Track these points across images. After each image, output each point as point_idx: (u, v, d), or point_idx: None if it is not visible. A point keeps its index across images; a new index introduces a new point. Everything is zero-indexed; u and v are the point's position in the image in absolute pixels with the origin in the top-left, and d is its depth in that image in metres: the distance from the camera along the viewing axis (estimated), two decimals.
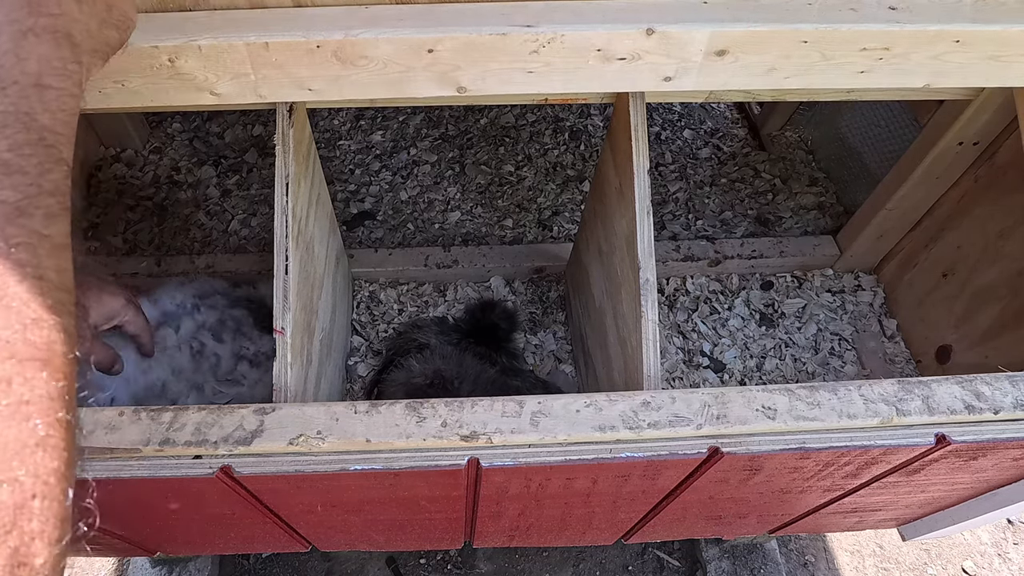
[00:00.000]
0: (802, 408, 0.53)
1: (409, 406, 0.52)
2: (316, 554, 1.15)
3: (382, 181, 1.16)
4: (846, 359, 0.99)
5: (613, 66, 0.58)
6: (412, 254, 1.04)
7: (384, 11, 0.55)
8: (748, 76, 0.59)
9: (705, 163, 1.21)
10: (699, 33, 0.55)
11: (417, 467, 0.52)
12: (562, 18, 0.55)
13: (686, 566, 1.15)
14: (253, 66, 0.55)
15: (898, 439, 0.54)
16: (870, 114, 1.09)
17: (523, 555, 1.15)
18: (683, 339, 1.00)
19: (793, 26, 0.55)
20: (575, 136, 1.24)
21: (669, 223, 1.11)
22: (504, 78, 0.58)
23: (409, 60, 0.56)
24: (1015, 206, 0.79)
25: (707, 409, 0.53)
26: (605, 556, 1.16)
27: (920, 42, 0.57)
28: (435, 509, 0.66)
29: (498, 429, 0.51)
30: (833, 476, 0.62)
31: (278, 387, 0.60)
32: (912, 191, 0.89)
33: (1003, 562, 1.20)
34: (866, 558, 1.19)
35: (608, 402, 0.53)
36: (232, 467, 0.51)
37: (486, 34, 0.54)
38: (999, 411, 0.54)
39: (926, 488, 0.69)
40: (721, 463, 0.55)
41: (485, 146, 1.22)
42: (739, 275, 1.06)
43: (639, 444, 0.53)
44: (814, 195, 1.16)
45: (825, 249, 1.05)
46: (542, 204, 1.14)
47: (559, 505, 0.66)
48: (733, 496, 0.67)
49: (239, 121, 1.23)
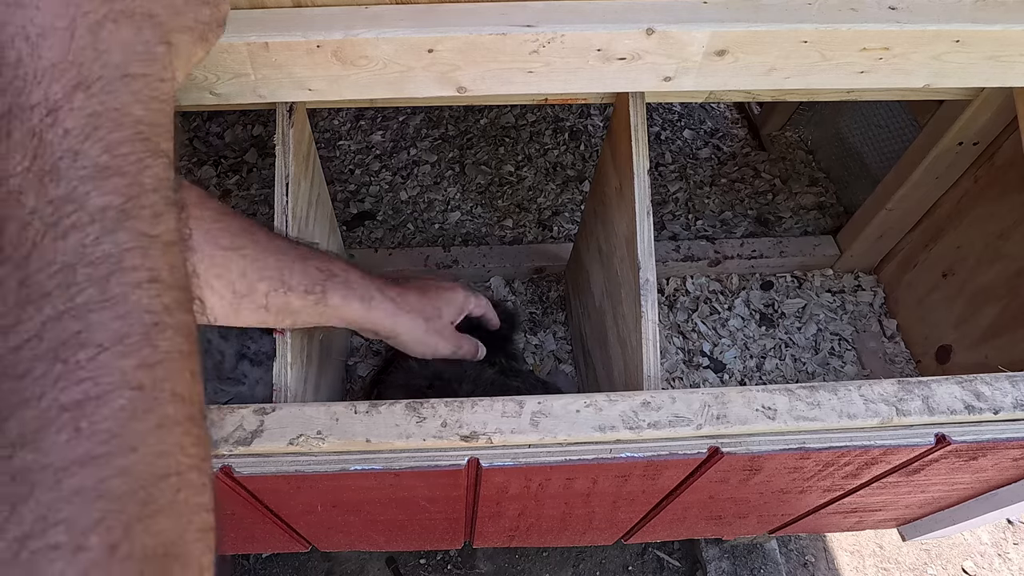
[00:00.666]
0: (802, 408, 0.53)
1: (409, 406, 0.52)
2: (316, 554, 1.15)
3: (382, 181, 1.16)
4: (846, 359, 0.99)
5: (613, 66, 0.58)
6: (412, 254, 1.04)
7: (384, 11, 0.55)
8: (748, 76, 0.60)
9: (705, 163, 1.21)
10: (699, 33, 0.55)
11: (417, 467, 0.52)
12: (562, 18, 0.55)
13: (686, 566, 1.15)
14: (253, 66, 0.55)
15: (898, 439, 0.54)
16: (870, 114, 1.09)
17: (523, 555, 1.15)
18: (683, 339, 1.00)
19: (793, 26, 0.55)
20: (575, 136, 1.24)
21: (669, 223, 1.11)
22: (504, 78, 0.58)
23: (409, 60, 0.56)
24: (1015, 206, 0.79)
25: (707, 409, 0.53)
26: (605, 556, 1.16)
27: (920, 42, 0.57)
28: (435, 509, 0.66)
29: (498, 429, 0.51)
30: (833, 476, 0.62)
31: (278, 387, 0.60)
32: (912, 191, 0.89)
33: (1003, 562, 1.20)
34: (866, 558, 1.19)
35: (608, 402, 0.53)
36: (232, 467, 0.51)
37: (486, 34, 0.54)
38: (999, 411, 0.54)
39: (926, 488, 0.69)
40: (721, 463, 0.55)
41: (485, 146, 1.22)
42: (739, 275, 1.06)
43: (639, 444, 0.53)
44: (814, 195, 1.16)
45: (825, 249, 1.05)
46: (542, 204, 1.14)
47: (559, 505, 0.66)
48: (733, 496, 0.67)
49: (239, 121, 1.23)
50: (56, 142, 0.28)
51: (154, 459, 0.25)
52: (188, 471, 0.27)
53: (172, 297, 0.28)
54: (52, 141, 0.28)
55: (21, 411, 0.24)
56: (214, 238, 0.52)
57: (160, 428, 0.26)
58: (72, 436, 0.24)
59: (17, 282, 0.26)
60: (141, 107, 0.30)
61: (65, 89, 0.29)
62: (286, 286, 0.55)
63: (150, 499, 0.25)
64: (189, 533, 0.26)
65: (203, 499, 0.27)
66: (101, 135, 0.28)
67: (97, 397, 0.24)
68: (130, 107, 0.30)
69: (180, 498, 0.26)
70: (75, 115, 0.28)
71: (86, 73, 0.29)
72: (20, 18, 0.29)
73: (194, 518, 0.26)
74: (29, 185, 0.27)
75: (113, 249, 0.27)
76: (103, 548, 0.23)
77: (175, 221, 0.30)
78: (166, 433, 0.26)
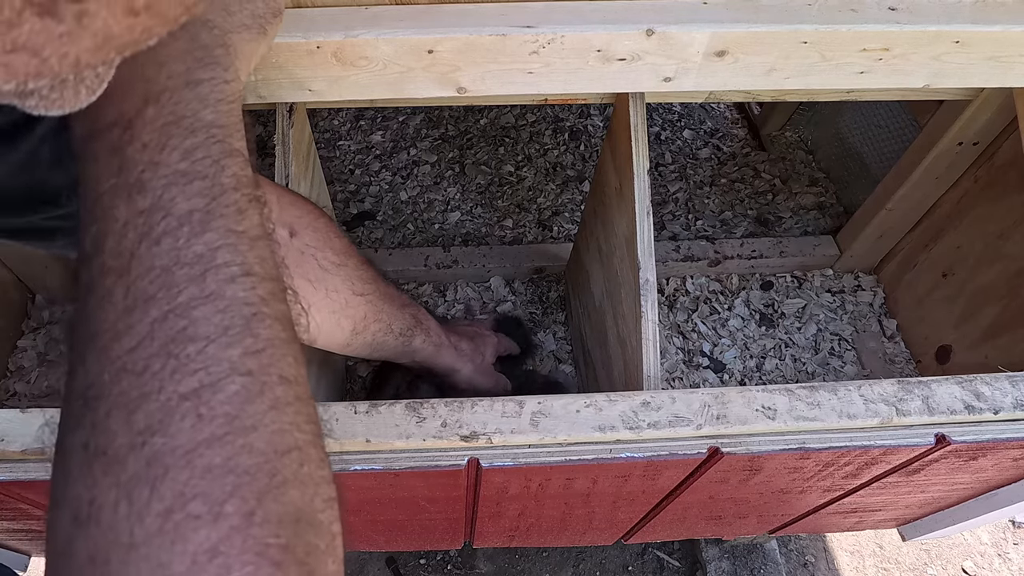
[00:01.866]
0: (802, 408, 0.53)
1: (409, 406, 0.52)
2: None
3: (382, 181, 1.16)
4: (846, 359, 0.99)
5: (613, 67, 0.58)
6: (412, 254, 1.04)
7: (384, 12, 0.55)
8: (748, 76, 0.60)
9: (705, 163, 1.21)
10: (699, 34, 0.55)
11: (417, 467, 0.52)
12: (562, 19, 0.55)
13: (686, 566, 1.15)
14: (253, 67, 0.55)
15: (898, 439, 0.54)
16: (870, 114, 1.09)
17: (523, 555, 1.15)
18: (683, 339, 1.00)
19: (793, 27, 0.56)
20: (575, 136, 1.24)
21: (669, 223, 1.11)
22: (504, 79, 0.58)
23: (409, 61, 0.56)
24: (1015, 206, 0.79)
25: (707, 409, 0.53)
26: (605, 556, 1.16)
27: (920, 43, 0.57)
28: (435, 509, 0.66)
29: (498, 429, 0.51)
30: (833, 476, 0.62)
31: None
32: (912, 191, 0.89)
33: (1003, 562, 1.20)
34: (866, 558, 1.19)
35: (608, 402, 0.53)
36: None
37: (486, 35, 0.54)
38: (999, 411, 0.54)
39: (926, 488, 0.69)
40: (721, 463, 0.55)
41: (485, 146, 1.22)
42: (739, 275, 1.06)
43: (639, 444, 0.53)
44: (814, 195, 1.16)
45: (825, 249, 1.05)
46: (542, 204, 1.14)
47: (559, 505, 0.66)
48: (733, 496, 0.67)
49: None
50: (136, 156, 0.29)
51: (273, 436, 0.27)
52: (307, 446, 0.28)
53: (266, 288, 0.30)
54: (132, 155, 0.29)
55: (145, 404, 0.25)
56: (351, 284, 0.60)
57: (274, 409, 0.27)
58: (195, 421, 0.25)
59: (123, 290, 0.27)
60: (210, 111, 0.31)
61: (136, 105, 0.30)
62: (390, 330, 0.66)
63: (276, 471, 0.26)
64: (317, 502, 0.28)
65: (324, 472, 0.29)
66: (176, 143, 0.30)
67: (211, 385, 0.26)
68: (200, 112, 0.31)
69: (304, 471, 0.27)
70: (149, 128, 0.30)
71: (153, 87, 0.30)
72: None
73: (319, 489, 0.28)
74: (119, 199, 0.29)
75: (204, 249, 0.28)
76: (240, 515, 0.24)
77: (258, 216, 0.31)
78: (280, 413, 0.28)
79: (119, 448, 0.25)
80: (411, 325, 0.70)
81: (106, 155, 0.29)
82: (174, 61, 0.31)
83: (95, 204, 0.29)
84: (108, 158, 0.29)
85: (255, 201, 0.31)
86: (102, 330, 0.27)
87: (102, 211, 0.29)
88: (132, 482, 0.24)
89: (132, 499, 0.24)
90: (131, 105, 0.30)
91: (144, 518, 0.24)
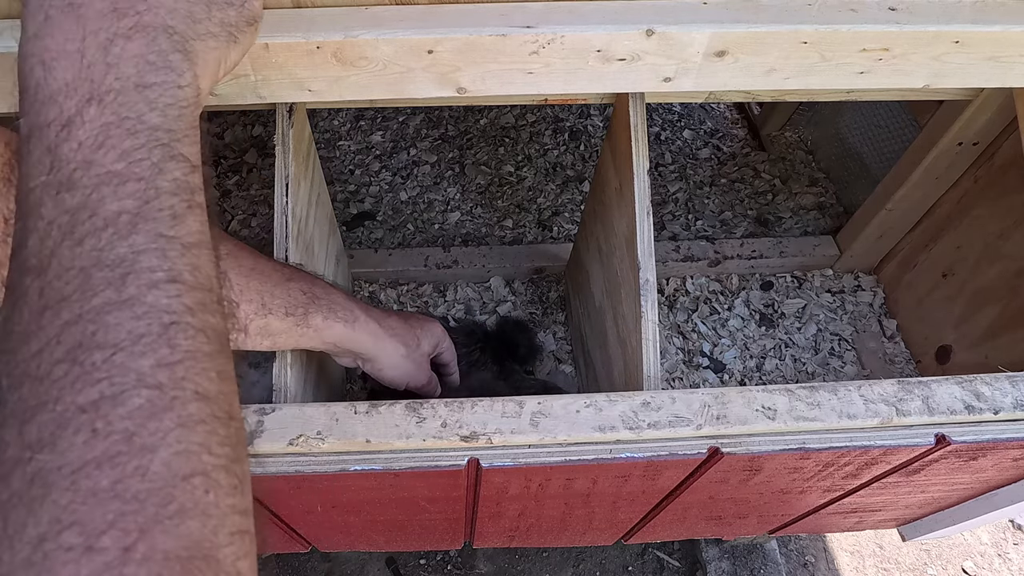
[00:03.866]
0: (802, 408, 0.53)
1: (409, 406, 0.52)
2: (316, 554, 1.15)
3: (382, 181, 1.16)
4: (846, 359, 0.99)
5: (613, 67, 0.58)
6: (412, 254, 1.04)
7: (384, 12, 0.55)
8: (748, 77, 0.60)
9: (705, 163, 1.21)
10: (699, 34, 0.55)
11: (417, 467, 0.52)
12: (562, 19, 0.55)
13: (686, 566, 1.15)
14: (253, 67, 0.55)
15: (898, 439, 0.54)
16: (870, 114, 1.09)
17: (523, 555, 1.15)
18: (683, 339, 1.00)
19: (793, 27, 0.55)
20: (575, 136, 1.24)
21: (669, 223, 1.11)
22: (504, 79, 0.58)
23: (409, 61, 0.56)
24: (1015, 206, 0.79)
25: (707, 409, 0.53)
26: (605, 556, 1.16)
27: (920, 43, 0.57)
28: (435, 509, 0.66)
29: (498, 429, 0.51)
30: (833, 476, 0.62)
31: (278, 388, 0.60)
32: (912, 191, 0.89)
33: (1003, 562, 1.20)
34: (866, 558, 1.19)
35: (608, 402, 0.53)
36: None
37: (486, 35, 0.54)
38: (999, 411, 0.54)
39: (926, 488, 0.69)
40: (721, 463, 0.55)
41: (485, 146, 1.22)
42: (739, 275, 1.06)
43: (639, 444, 0.53)
44: (814, 195, 1.16)
45: (825, 249, 1.05)
46: (542, 204, 1.14)
47: (559, 506, 0.66)
48: (733, 496, 0.67)
49: (239, 121, 1.23)
50: (70, 154, 0.28)
51: (175, 458, 0.25)
52: (216, 471, 0.26)
53: (194, 297, 0.28)
54: (66, 154, 0.28)
55: (40, 414, 0.24)
56: None
57: (181, 427, 0.25)
58: (89, 437, 0.23)
59: (38, 289, 0.26)
60: (157, 114, 0.31)
61: (78, 104, 0.29)
62: (266, 309, 0.56)
63: (170, 499, 0.24)
64: (220, 535, 0.25)
65: (235, 500, 0.26)
66: (114, 143, 0.29)
67: (113, 397, 0.24)
68: (145, 115, 0.30)
69: (208, 499, 0.25)
70: (88, 127, 0.29)
71: (98, 87, 0.30)
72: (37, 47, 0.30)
73: (225, 520, 0.25)
74: (47, 197, 0.28)
75: (128, 251, 0.27)
76: (116, 550, 0.22)
77: (198, 223, 0.30)
78: (188, 432, 0.25)
79: (6, 462, 0.23)
80: (300, 302, 0.58)
81: (40, 152, 0.29)
82: (125, 64, 0.31)
83: (24, 201, 0.28)
84: (42, 155, 0.28)
85: (197, 207, 0.30)
86: (16, 331, 0.26)
87: (29, 208, 0.28)
88: (12, 502, 0.22)
89: (8, 521, 0.22)
90: (73, 104, 0.29)
91: (14, 544, 0.22)
